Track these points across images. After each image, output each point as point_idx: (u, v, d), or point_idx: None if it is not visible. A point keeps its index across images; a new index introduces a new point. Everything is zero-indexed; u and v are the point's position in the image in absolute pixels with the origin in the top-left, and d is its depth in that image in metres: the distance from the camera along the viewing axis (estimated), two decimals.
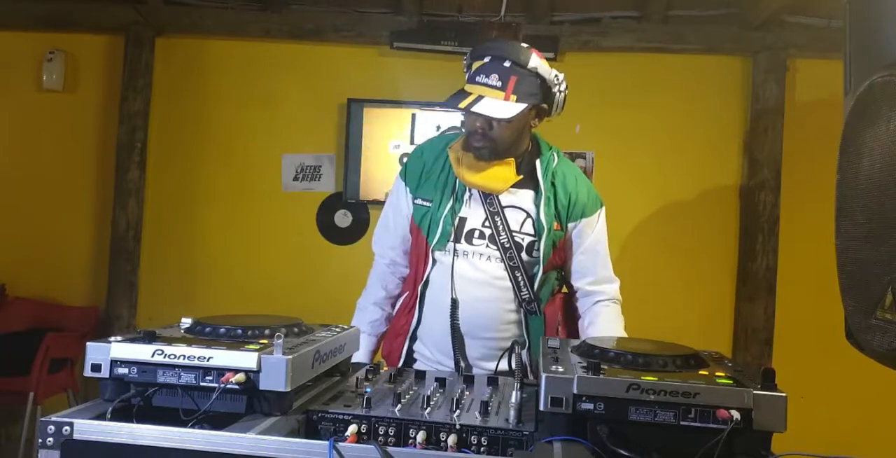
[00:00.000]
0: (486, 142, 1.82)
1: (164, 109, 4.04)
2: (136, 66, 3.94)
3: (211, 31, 4.02)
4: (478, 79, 1.77)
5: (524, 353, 1.85)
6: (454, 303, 1.86)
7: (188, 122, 4.06)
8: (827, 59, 3.50)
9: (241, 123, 4.04)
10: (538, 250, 1.85)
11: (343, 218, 4.02)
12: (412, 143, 3.86)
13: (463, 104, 1.75)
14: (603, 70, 3.95)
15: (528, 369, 1.80)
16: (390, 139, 3.90)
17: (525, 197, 1.88)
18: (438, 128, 3.86)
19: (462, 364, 1.88)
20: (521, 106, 1.77)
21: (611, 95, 3.94)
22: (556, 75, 1.83)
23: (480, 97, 1.75)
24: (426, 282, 1.91)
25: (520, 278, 1.85)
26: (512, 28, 3.74)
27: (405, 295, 2.00)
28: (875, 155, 1.20)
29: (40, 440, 1.04)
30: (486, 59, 1.78)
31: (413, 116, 3.88)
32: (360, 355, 1.74)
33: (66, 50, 4.01)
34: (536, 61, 1.79)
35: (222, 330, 1.28)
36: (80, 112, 4.06)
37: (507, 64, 1.76)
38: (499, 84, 1.75)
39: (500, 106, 1.75)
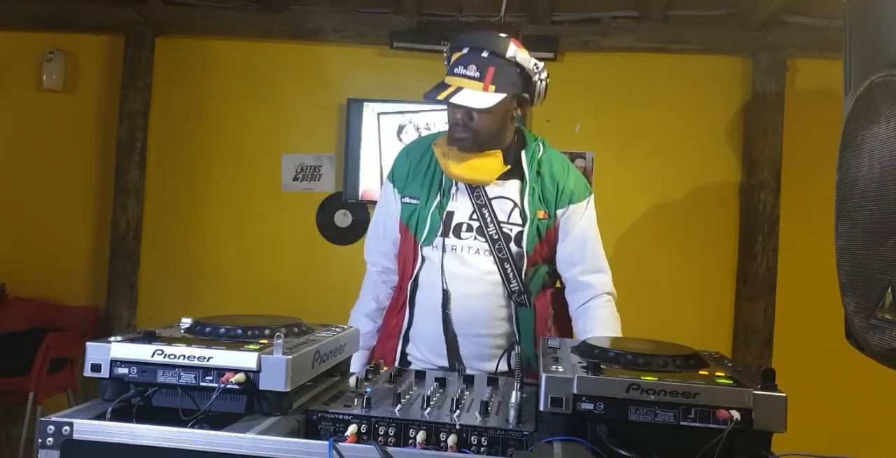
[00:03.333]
0: (467, 132, 1.82)
1: (164, 109, 4.04)
2: (136, 66, 3.94)
3: (211, 31, 4.02)
4: (456, 70, 1.77)
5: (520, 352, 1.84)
6: (445, 300, 1.86)
7: (188, 122, 4.06)
8: (827, 59, 3.51)
9: (241, 123, 4.04)
10: (524, 238, 1.85)
11: (343, 218, 4.02)
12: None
13: (441, 96, 1.75)
14: (603, 70, 3.95)
15: (521, 365, 1.80)
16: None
17: (512, 187, 1.88)
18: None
19: (456, 365, 1.88)
20: (500, 96, 1.77)
21: (611, 95, 3.94)
22: (535, 64, 1.82)
23: (459, 88, 1.75)
24: (416, 280, 1.90)
25: (509, 270, 1.84)
26: (512, 28, 3.74)
27: (395, 297, 1.99)
28: (875, 155, 1.20)
29: (40, 440, 1.03)
30: (465, 50, 1.78)
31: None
32: (353, 368, 1.74)
33: (66, 50, 4.02)
34: (514, 50, 1.78)
35: (222, 330, 1.28)
36: (80, 112, 4.06)
37: (484, 54, 1.76)
38: (477, 75, 1.75)
39: (478, 96, 1.75)
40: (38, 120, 4.06)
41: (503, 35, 1.82)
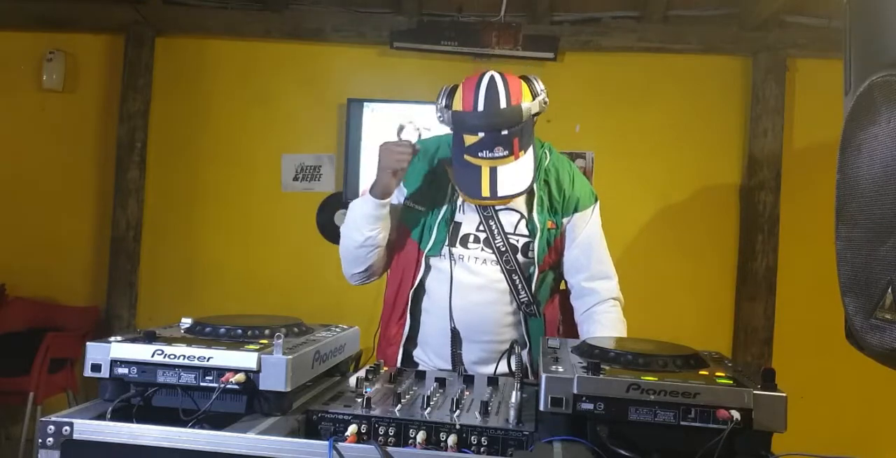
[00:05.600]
0: None
1: (164, 109, 4.04)
2: (136, 66, 3.94)
3: (211, 31, 4.02)
4: (481, 154, 1.72)
5: (524, 354, 1.84)
6: (453, 308, 1.84)
7: (188, 122, 4.06)
8: (827, 59, 3.51)
9: (241, 123, 4.04)
10: (533, 250, 1.84)
11: (343, 218, 3.98)
12: None
13: (487, 193, 1.72)
14: (603, 70, 3.95)
15: (529, 370, 1.79)
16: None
17: (519, 199, 1.85)
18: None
19: (460, 369, 1.87)
20: (530, 153, 1.76)
21: (611, 95, 3.94)
22: (542, 100, 1.77)
23: (494, 170, 1.72)
24: (420, 288, 1.89)
25: (517, 281, 1.83)
26: (512, 28, 3.74)
27: (389, 304, 1.96)
28: (875, 155, 1.21)
29: (40, 440, 1.04)
30: (481, 135, 1.71)
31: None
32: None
33: (66, 50, 4.02)
34: (526, 107, 1.73)
35: (222, 330, 1.28)
36: (80, 112, 4.06)
37: (504, 133, 1.71)
38: (506, 153, 1.71)
39: (516, 174, 1.73)
40: (38, 120, 4.06)
41: (503, 96, 1.72)
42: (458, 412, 1.21)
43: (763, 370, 1.10)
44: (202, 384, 1.14)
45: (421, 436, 1.15)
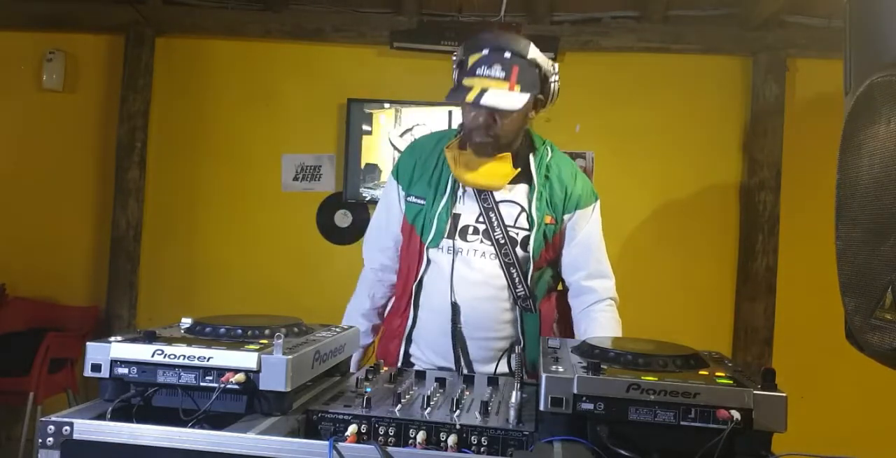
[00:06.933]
0: (489, 137, 1.79)
1: (164, 109, 4.04)
2: (136, 66, 3.95)
3: (211, 31, 4.03)
4: (478, 71, 1.72)
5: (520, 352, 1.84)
6: (454, 304, 1.84)
7: (188, 122, 4.06)
8: (827, 59, 3.51)
9: (241, 123, 4.04)
10: (531, 243, 1.84)
11: (343, 218, 4.02)
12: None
13: (470, 97, 1.69)
14: (603, 70, 3.95)
15: (524, 368, 1.79)
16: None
17: (519, 191, 1.86)
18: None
19: (463, 365, 1.87)
20: (526, 96, 1.74)
21: (611, 95, 3.94)
22: (552, 65, 1.82)
23: (484, 90, 1.70)
24: (420, 282, 1.89)
25: (515, 275, 1.83)
26: (512, 28, 3.74)
27: (396, 297, 1.97)
28: (875, 155, 1.21)
29: (40, 440, 1.03)
30: (485, 51, 1.74)
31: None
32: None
33: (66, 50, 4.02)
34: (535, 52, 1.76)
35: (222, 330, 1.28)
36: (80, 112, 4.06)
37: (507, 55, 1.72)
38: (502, 75, 1.71)
39: (506, 96, 1.71)
40: (38, 120, 4.06)
41: (520, 36, 1.79)
42: (458, 412, 1.21)
43: (763, 370, 1.10)
44: (202, 384, 1.14)
45: (421, 436, 1.15)
